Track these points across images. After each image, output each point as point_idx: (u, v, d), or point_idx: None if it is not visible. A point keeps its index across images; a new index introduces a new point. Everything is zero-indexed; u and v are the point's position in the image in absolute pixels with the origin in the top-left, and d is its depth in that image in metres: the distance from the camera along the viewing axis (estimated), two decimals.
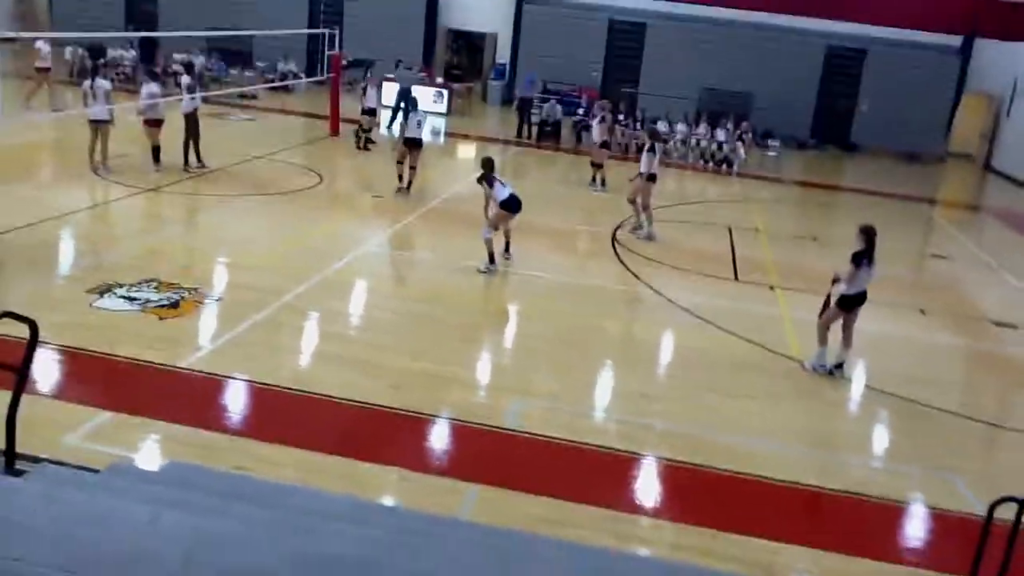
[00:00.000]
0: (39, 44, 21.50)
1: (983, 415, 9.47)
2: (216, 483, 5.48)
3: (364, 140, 20.66)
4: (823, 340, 9.92)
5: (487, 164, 12.55)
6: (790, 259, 15.16)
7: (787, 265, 14.57)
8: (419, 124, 16.34)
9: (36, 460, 4.93)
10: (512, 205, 12.41)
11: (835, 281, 9.93)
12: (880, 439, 8.88)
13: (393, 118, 23.58)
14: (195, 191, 15.22)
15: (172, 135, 16.25)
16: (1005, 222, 21.33)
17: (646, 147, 15.53)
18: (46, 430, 6.63)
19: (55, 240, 11.91)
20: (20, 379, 4.45)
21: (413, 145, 16.25)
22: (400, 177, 16.39)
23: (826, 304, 10.07)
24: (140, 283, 10.20)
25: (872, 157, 29.55)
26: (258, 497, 4.98)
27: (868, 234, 9.76)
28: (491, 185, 12.37)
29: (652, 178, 15.22)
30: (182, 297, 9.96)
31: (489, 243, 12.33)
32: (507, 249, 12.84)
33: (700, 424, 8.37)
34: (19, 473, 4.44)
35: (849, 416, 9.34)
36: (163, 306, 9.66)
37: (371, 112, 20.82)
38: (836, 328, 9.93)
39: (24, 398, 4.58)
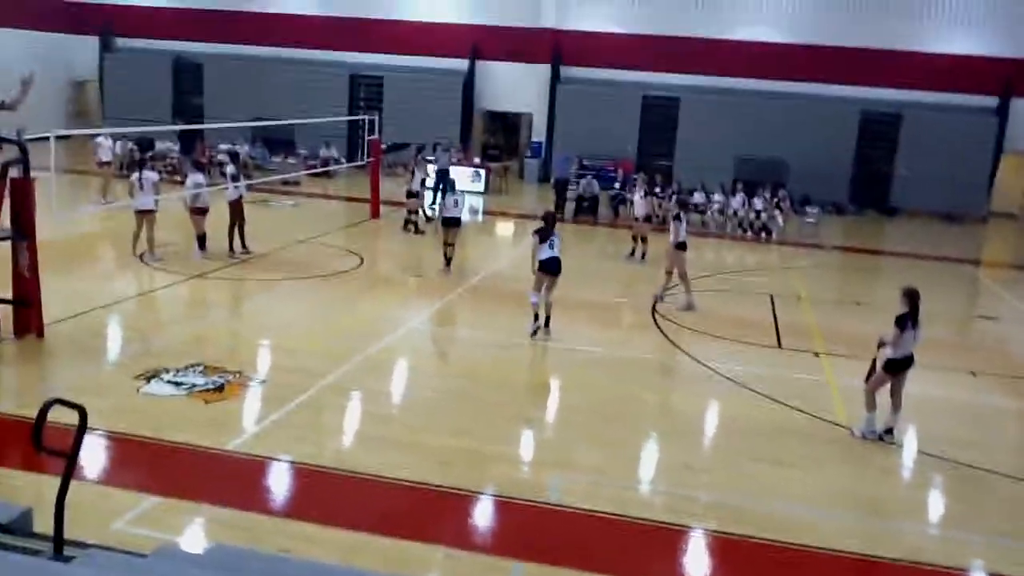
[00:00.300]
0: (100, 139, 22.28)
1: None
2: (261, 565, 5.49)
3: (414, 225, 20.86)
4: (871, 406, 9.77)
5: (548, 219, 12.76)
6: (834, 324, 15.01)
7: (831, 330, 14.42)
8: (456, 203, 16.70)
9: (84, 546, 4.97)
10: (550, 266, 12.64)
11: (880, 345, 9.83)
12: (934, 504, 8.67)
13: (434, 199, 24.00)
14: (239, 276, 15.51)
15: (219, 223, 16.65)
16: None
17: (673, 216, 15.62)
18: (94, 515, 6.72)
19: (103, 328, 12.17)
20: (69, 465, 4.53)
21: (451, 224, 16.57)
22: (445, 256, 16.68)
23: (872, 369, 9.93)
24: (186, 368, 10.37)
25: (912, 220, 29.37)
26: None
27: (912, 297, 9.68)
28: (541, 241, 12.56)
29: (682, 246, 15.27)
30: (227, 381, 10.09)
31: (535, 306, 12.66)
32: (547, 324, 12.88)
33: (746, 494, 8.23)
34: (68, 559, 4.48)
35: (900, 482, 9.14)
36: (208, 390, 9.80)
37: (415, 195, 21.08)
38: (884, 393, 9.79)
39: (73, 484, 4.66)
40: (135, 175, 16.01)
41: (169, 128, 29.53)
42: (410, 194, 20.99)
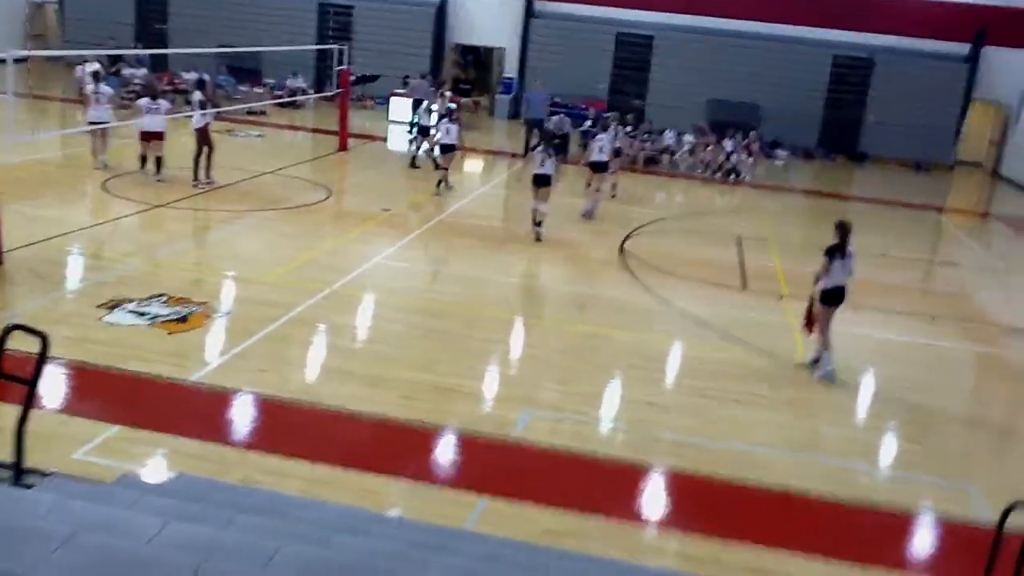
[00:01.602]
0: (80, 70, 21.24)
1: (995, 423, 9.42)
2: (224, 495, 5.50)
3: (433, 161, 20.03)
4: (827, 344, 9.92)
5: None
6: (799, 268, 15.10)
7: (796, 274, 14.51)
8: (447, 130, 17.77)
9: (44, 474, 4.95)
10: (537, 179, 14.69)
11: (816, 281, 9.99)
12: (890, 447, 8.84)
13: (411, 129, 23.88)
14: (204, 207, 15.29)
15: (180, 151, 16.35)
16: (1015, 229, 21.26)
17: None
18: (55, 444, 6.67)
19: (65, 256, 11.96)
20: (29, 392, 4.48)
21: (447, 150, 17.87)
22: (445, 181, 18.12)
23: (810, 309, 10.09)
24: (149, 298, 10.25)
25: (880, 166, 29.53)
26: (266, 509, 5.00)
27: (842, 228, 9.88)
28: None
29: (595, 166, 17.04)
30: (191, 312, 10.00)
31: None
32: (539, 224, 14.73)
33: (707, 433, 8.35)
34: (28, 487, 4.46)
35: (859, 424, 9.30)
36: (172, 320, 9.70)
37: (424, 131, 20.54)
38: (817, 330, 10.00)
39: (33, 413, 4.61)
40: (90, 86, 15.72)
41: (132, 52, 28.70)
42: (423, 130, 20.56)
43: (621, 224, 16.62)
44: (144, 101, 16.82)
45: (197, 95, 17.06)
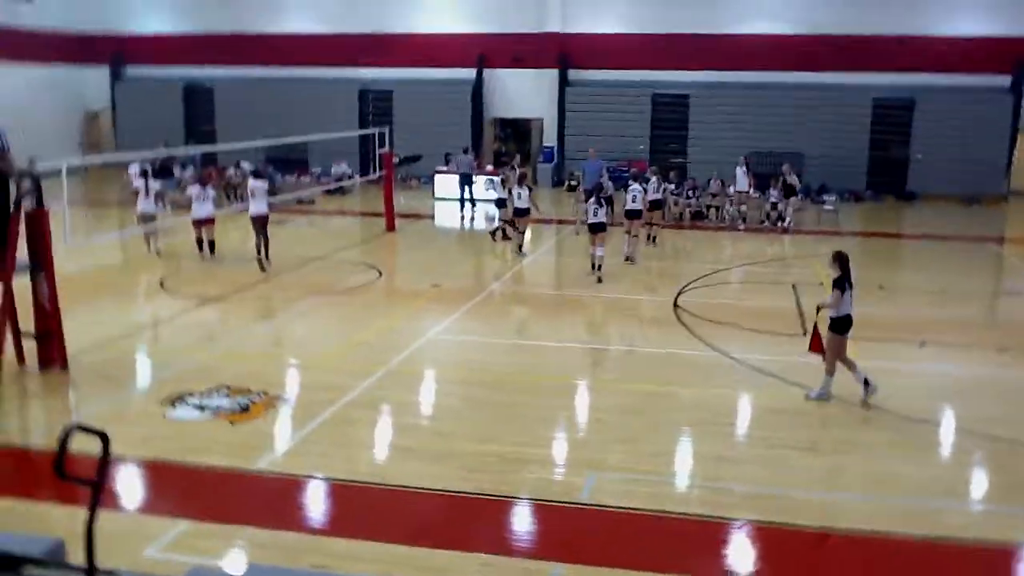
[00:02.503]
0: (131, 169, 22.08)
1: None
2: None
3: (502, 232, 21.07)
4: (852, 366, 10.06)
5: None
6: (859, 309, 14.79)
7: (856, 316, 14.22)
8: (519, 196, 18.77)
9: (117, 575, 4.94)
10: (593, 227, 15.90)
11: (819, 309, 10.35)
12: (973, 482, 8.52)
13: (463, 203, 25.87)
14: (259, 296, 15.52)
15: (237, 240, 16.68)
16: None
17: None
18: (126, 544, 6.68)
19: (126, 356, 12.17)
20: (95, 492, 4.50)
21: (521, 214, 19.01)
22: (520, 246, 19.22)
23: (816, 333, 10.22)
24: (210, 391, 10.35)
25: (931, 203, 29.08)
26: None
27: (842, 260, 10.20)
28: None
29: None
30: (252, 401, 10.06)
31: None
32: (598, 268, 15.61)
33: (783, 484, 8.12)
34: None
35: (939, 462, 8.99)
36: (234, 411, 9.77)
37: (501, 203, 21.40)
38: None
39: (104, 513, 4.62)
40: (140, 182, 16.41)
41: (178, 152, 29.55)
42: (499, 203, 21.46)
43: (673, 280, 16.51)
44: (195, 189, 17.77)
45: (254, 183, 17.52)
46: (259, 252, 17.14)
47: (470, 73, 33.10)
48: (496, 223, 21.89)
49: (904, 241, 23.51)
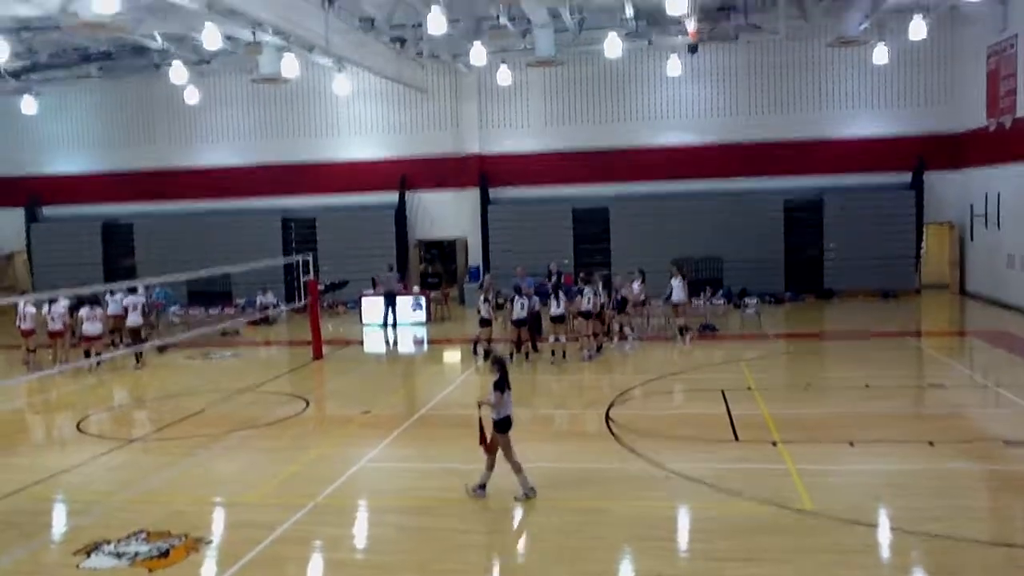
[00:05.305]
0: (25, 308, 21.42)
1: (1020, 539, 9.08)
2: None
3: (485, 351, 20.25)
4: (517, 468, 10.74)
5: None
6: (786, 411, 14.96)
7: (784, 418, 14.35)
8: (522, 306, 19.74)
9: None
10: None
11: (480, 405, 10.88)
12: None
13: (385, 321, 26.50)
14: (180, 436, 15.01)
15: (151, 387, 16.21)
16: (992, 343, 21.32)
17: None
18: None
19: (40, 504, 11.56)
20: None
21: (520, 324, 20.09)
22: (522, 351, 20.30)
23: (482, 430, 10.77)
24: (128, 536, 9.86)
25: (848, 300, 29.93)
26: None
27: (501, 364, 10.89)
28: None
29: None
30: (172, 545, 9.60)
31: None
32: None
33: None
34: None
35: (883, 563, 8.92)
36: (153, 557, 9.30)
37: (488, 323, 21.16)
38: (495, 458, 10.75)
39: None
40: (45, 308, 20.59)
41: (100, 288, 28.96)
42: (483, 322, 21.10)
43: (602, 393, 16.47)
44: (85, 311, 20.25)
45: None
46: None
47: (393, 197, 33.50)
48: (479, 343, 21.36)
49: (826, 340, 23.93)
